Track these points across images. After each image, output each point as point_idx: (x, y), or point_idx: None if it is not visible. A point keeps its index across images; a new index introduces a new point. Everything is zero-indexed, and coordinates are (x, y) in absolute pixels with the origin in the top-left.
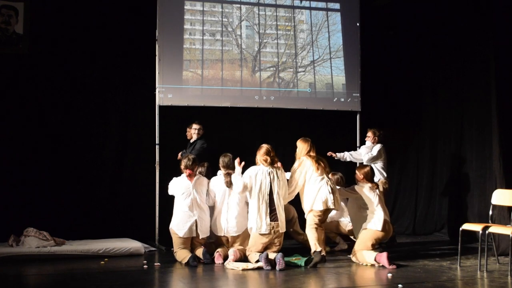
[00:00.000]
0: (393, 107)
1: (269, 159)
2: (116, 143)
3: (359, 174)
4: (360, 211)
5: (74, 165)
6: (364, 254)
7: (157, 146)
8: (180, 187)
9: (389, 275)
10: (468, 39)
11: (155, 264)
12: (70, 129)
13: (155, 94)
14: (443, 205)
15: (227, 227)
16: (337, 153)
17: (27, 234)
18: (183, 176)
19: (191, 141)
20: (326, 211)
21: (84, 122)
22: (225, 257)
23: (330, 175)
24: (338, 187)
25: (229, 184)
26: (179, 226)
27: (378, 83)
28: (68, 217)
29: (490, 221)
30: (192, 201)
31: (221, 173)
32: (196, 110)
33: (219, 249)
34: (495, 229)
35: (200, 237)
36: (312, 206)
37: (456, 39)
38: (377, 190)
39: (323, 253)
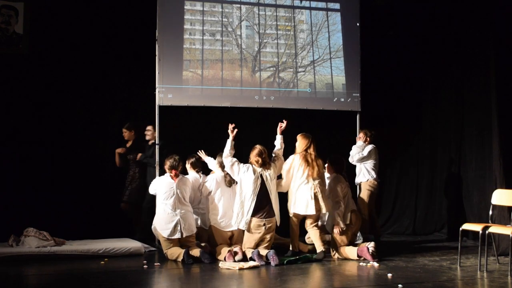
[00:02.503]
0: (393, 107)
1: (260, 160)
2: (116, 143)
3: (330, 166)
4: (335, 205)
5: (74, 165)
6: (346, 250)
7: (157, 146)
8: (163, 186)
9: (389, 275)
10: (468, 39)
11: (155, 264)
12: (70, 129)
13: (155, 94)
14: (443, 205)
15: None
16: None
17: (27, 234)
18: (167, 175)
19: (149, 143)
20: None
21: (84, 122)
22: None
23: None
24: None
25: (230, 184)
26: (162, 226)
27: (378, 83)
28: (68, 217)
29: (490, 221)
30: (175, 200)
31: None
32: (196, 110)
33: (228, 248)
34: (495, 229)
35: (184, 235)
36: (293, 209)
37: (456, 39)
38: (346, 182)
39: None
